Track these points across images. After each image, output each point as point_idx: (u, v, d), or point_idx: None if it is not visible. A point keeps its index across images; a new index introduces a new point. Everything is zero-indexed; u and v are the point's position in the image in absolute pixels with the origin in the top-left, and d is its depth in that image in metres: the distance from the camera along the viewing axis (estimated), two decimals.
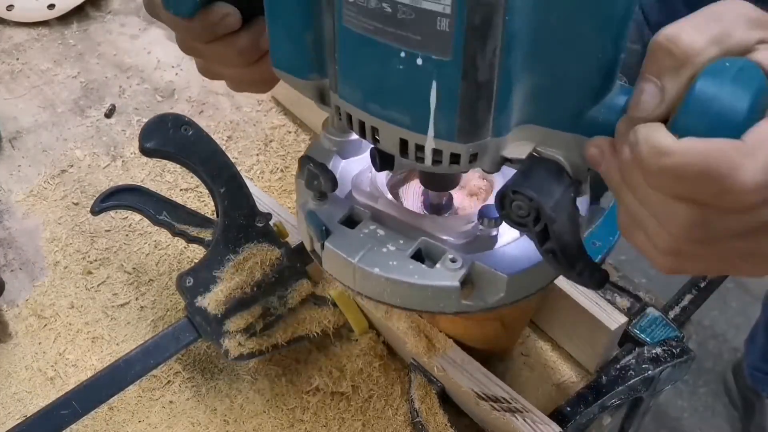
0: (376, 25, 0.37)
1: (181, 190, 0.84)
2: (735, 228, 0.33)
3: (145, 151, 0.65)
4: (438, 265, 0.47)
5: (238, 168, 0.69)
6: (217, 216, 0.67)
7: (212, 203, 0.68)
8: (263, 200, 0.75)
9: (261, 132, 0.92)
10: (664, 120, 0.34)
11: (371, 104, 0.41)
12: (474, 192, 0.56)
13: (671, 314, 0.71)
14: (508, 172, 0.43)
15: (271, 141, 0.91)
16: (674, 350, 0.67)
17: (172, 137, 0.66)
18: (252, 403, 0.66)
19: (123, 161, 0.88)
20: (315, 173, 0.49)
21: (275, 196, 0.83)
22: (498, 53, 0.36)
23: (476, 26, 0.35)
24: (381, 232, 0.49)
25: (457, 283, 0.46)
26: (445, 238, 0.49)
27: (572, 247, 0.41)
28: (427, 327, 0.62)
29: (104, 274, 0.76)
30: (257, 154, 0.89)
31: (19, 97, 0.96)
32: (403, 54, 0.37)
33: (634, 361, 0.66)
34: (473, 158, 0.41)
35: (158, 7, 0.48)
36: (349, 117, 0.43)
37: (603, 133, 0.38)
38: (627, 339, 0.68)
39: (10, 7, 1.05)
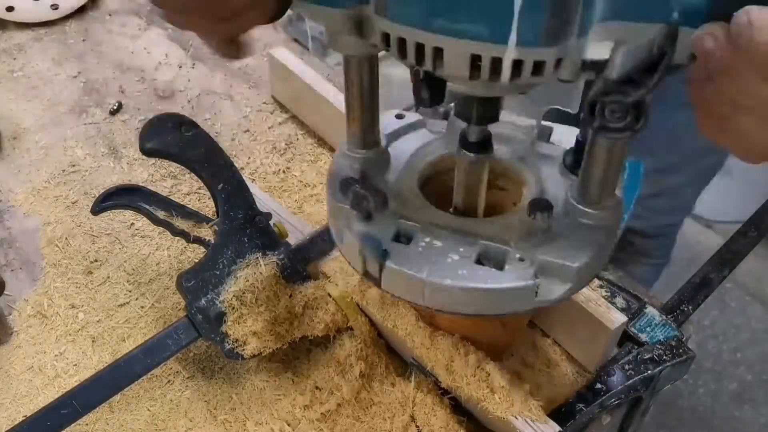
0: None
1: (184, 194, 0.84)
2: None
3: (145, 152, 0.65)
4: (507, 267, 0.46)
5: (239, 168, 0.69)
6: (218, 216, 0.67)
7: (212, 204, 0.68)
8: (263, 200, 0.75)
9: (261, 132, 0.92)
10: None
11: (436, 20, 0.38)
12: (501, 187, 0.56)
13: (671, 314, 0.71)
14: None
15: (271, 141, 0.91)
16: (674, 350, 0.67)
17: (172, 137, 0.66)
18: (252, 402, 0.66)
19: (123, 161, 0.88)
20: (363, 194, 0.48)
21: (275, 196, 0.84)
22: None
23: None
24: (437, 243, 0.49)
25: (531, 282, 0.46)
26: (504, 238, 0.48)
27: None
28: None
29: (104, 274, 0.76)
30: (258, 155, 0.89)
31: (19, 97, 0.96)
32: None
33: (634, 360, 0.66)
34: (558, 64, 0.39)
35: None
36: (402, 42, 0.40)
37: (693, 21, 0.37)
38: (627, 339, 0.68)
39: (10, 9, 1.05)
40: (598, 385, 0.65)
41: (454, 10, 0.37)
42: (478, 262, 0.48)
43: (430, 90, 0.44)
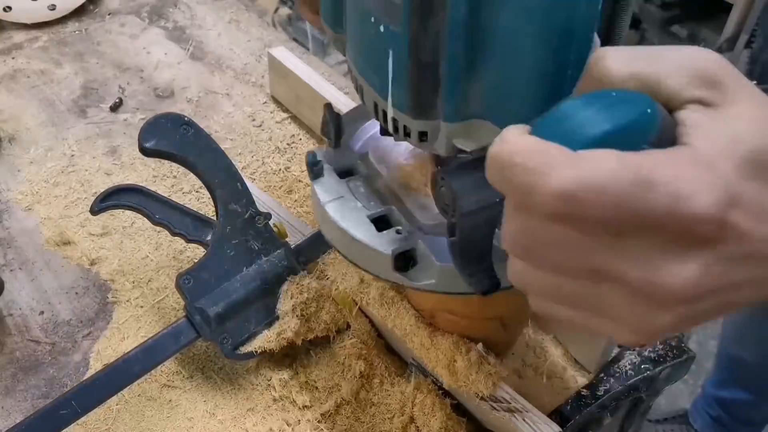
0: None
1: (183, 193, 0.84)
2: (558, 256, 0.31)
3: (145, 151, 0.65)
4: (385, 232, 0.49)
5: (239, 168, 0.69)
6: (217, 216, 0.67)
7: (212, 204, 0.68)
8: (263, 200, 0.75)
9: (261, 132, 0.92)
10: None
11: (359, 63, 0.44)
12: None
13: None
14: None
15: (271, 141, 0.91)
16: (674, 350, 0.67)
17: (171, 137, 0.66)
18: (251, 402, 0.66)
19: (123, 161, 0.88)
20: (327, 120, 0.53)
21: (275, 196, 0.83)
22: (443, 38, 0.38)
23: (418, 3, 0.37)
24: (363, 190, 0.52)
25: (388, 252, 0.48)
26: (416, 215, 0.51)
27: (473, 250, 0.42)
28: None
29: (104, 273, 0.76)
30: (258, 154, 0.89)
31: (18, 97, 0.96)
32: (372, 19, 0.40)
33: (634, 361, 0.66)
34: (423, 136, 0.43)
35: None
36: (351, 72, 0.46)
37: None
38: None
39: (7, 9, 1.05)
40: (598, 385, 0.65)
41: (365, 61, 0.44)
42: (381, 221, 0.50)
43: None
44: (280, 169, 0.87)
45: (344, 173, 0.54)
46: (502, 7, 0.36)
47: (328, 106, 0.53)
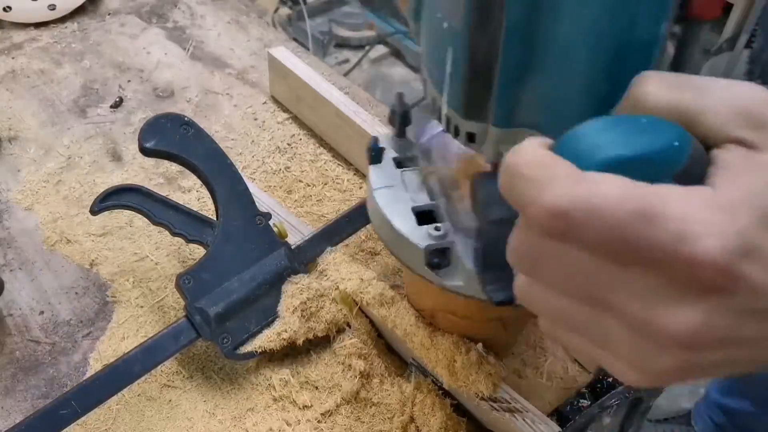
0: None
1: (183, 192, 0.84)
2: (558, 276, 0.30)
3: (145, 151, 0.65)
4: (425, 227, 0.50)
5: (238, 168, 0.69)
6: (217, 216, 0.67)
7: (212, 204, 0.68)
8: (263, 200, 0.75)
9: (261, 132, 0.92)
10: None
11: (425, 57, 0.45)
12: None
13: None
14: None
15: (271, 141, 0.91)
16: None
17: (171, 137, 0.66)
18: (251, 402, 0.66)
19: (123, 161, 0.88)
20: (393, 110, 0.54)
21: (275, 196, 0.83)
22: (499, 41, 0.37)
23: (477, 3, 0.37)
24: (416, 182, 0.53)
25: (422, 246, 0.49)
26: (461, 216, 0.51)
27: (494, 260, 0.41)
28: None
29: (104, 274, 0.76)
30: (258, 154, 0.89)
31: (18, 97, 0.96)
32: (439, 15, 0.40)
33: None
34: (471, 137, 0.43)
35: None
36: (420, 66, 0.48)
37: None
38: None
39: (7, 9, 1.05)
40: (598, 386, 0.65)
41: (429, 54, 0.44)
42: (425, 216, 0.51)
43: None
44: (280, 169, 0.87)
45: (403, 163, 0.55)
46: (557, 19, 0.35)
47: (400, 95, 0.54)
